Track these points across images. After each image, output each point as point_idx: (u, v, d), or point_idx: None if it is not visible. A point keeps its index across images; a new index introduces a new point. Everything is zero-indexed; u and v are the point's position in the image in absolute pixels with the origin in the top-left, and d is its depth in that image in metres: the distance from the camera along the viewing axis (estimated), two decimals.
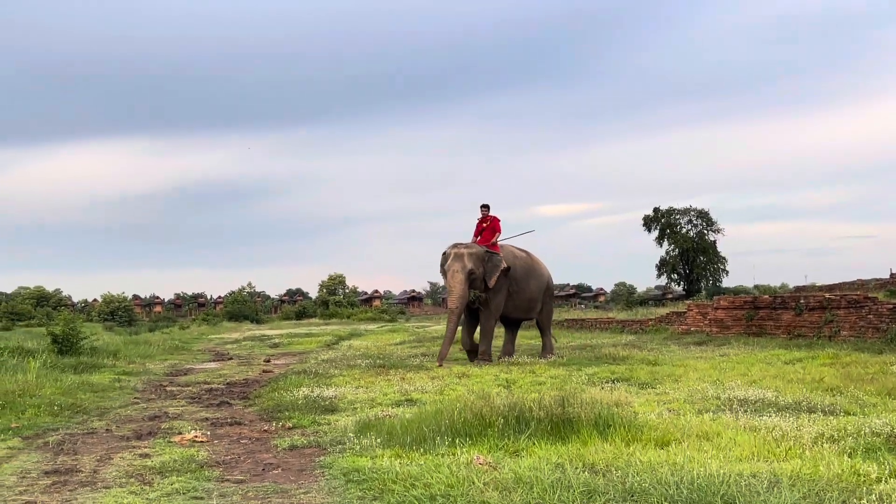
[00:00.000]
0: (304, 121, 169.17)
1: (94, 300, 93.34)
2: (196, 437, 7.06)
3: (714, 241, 58.87)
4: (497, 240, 14.40)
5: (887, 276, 35.48)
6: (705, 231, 58.96)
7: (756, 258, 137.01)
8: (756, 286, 69.61)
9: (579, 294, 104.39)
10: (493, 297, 14.14)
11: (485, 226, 14.54)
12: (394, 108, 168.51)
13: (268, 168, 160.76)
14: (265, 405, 9.25)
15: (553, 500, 4.34)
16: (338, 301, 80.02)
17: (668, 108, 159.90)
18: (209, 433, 7.32)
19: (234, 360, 18.03)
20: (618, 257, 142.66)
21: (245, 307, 73.20)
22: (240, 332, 38.30)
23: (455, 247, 14.12)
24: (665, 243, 59.31)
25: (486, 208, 14.62)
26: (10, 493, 5.21)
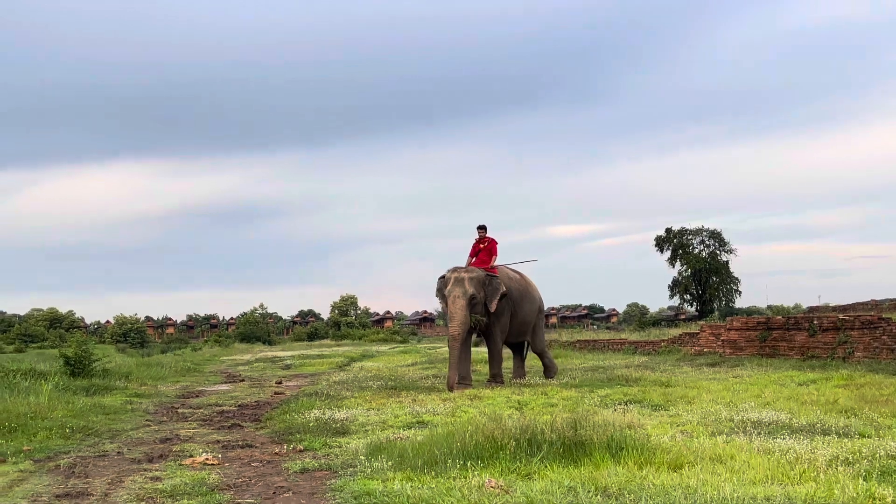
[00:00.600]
0: (317, 143, 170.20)
1: (107, 322, 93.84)
2: (207, 459, 7.05)
3: (727, 262, 58.61)
4: (494, 263, 14.00)
5: None
6: (718, 251, 58.72)
7: (769, 279, 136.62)
8: (769, 307, 69.42)
9: (591, 315, 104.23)
10: (497, 320, 13.74)
11: (482, 247, 14.13)
12: (405, 130, 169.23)
13: (280, 190, 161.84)
14: (276, 427, 9.24)
15: None
16: (350, 322, 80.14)
17: (680, 129, 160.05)
18: (220, 456, 7.31)
19: (246, 382, 18.03)
20: (630, 278, 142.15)
21: (257, 328, 73.29)
22: (252, 353, 38.30)
23: (454, 271, 13.60)
24: (677, 264, 59.10)
25: (483, 229, 14.20)
26: None
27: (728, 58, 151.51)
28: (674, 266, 59.38)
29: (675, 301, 64.04)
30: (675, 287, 59.58)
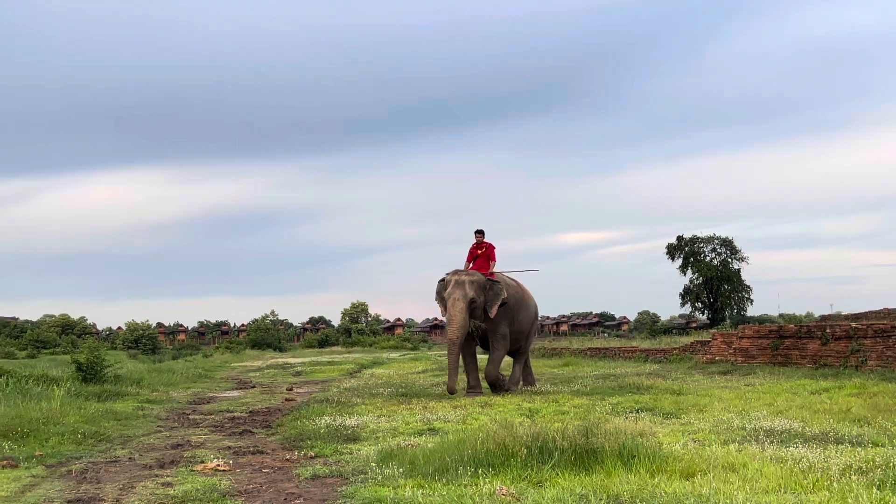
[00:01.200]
0: (327, 150, 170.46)
1: (119, 328, 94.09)
2: (218, 465, 7.06)
3: (738, 270, 58.44)
4: (493, 269, 13.73)
5: None
6: (729, 259, 58.57)
7: (781, 287, 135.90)
8: (781, 315, 69.10)
9: (602, 322, 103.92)
10: (496, 327, 13.47)
11: (479, 252, 13.83)
12: (416, 136, 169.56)
13: (291, 197, 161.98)
14: (287, 434, 9.25)
15: None
16: (360, 329, 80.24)
17: (692, 136, 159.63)
18: (231, 462, 7.32)
19: (257, 389, 18.05)
20: (641, 286, 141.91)
21: (268, 335, 73.51)
22: (263, 360, 38.38)
23: (455, 273, 13.32)
24: (689, 272, 58.96)
25: (480, 234, 13.93)
26: None
27: (739, 65, 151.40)
28: (685, 274, 59.31)
29: (687, 309, 63.87)
30: (687, 295, 59.45)
